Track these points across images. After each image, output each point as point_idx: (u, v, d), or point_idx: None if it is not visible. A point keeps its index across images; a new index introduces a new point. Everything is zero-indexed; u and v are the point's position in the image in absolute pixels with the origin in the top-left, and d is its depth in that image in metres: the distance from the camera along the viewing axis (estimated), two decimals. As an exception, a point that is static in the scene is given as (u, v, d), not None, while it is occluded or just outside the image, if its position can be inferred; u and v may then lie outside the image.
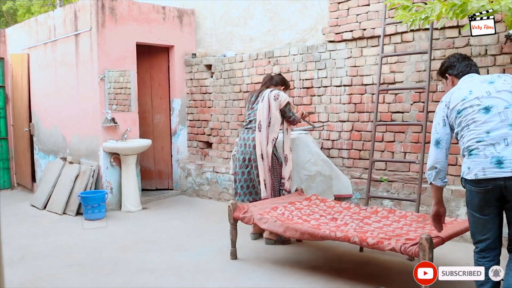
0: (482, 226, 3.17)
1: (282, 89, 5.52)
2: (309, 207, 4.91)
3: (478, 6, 3.68)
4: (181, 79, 8.14)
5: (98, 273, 4.55)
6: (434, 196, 3.46)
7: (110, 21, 7.08)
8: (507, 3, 3.55)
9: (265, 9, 7.25)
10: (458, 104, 3.24)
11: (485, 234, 3.17)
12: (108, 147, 6.96)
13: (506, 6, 3.56)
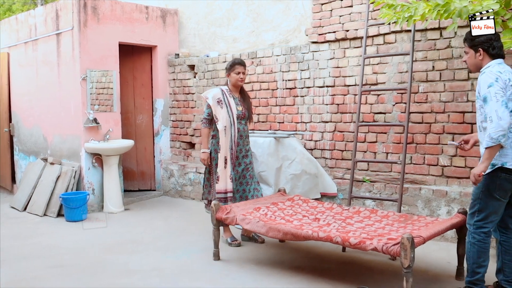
0: (500, 209, 3.57)
1: (227, 76, 5.37)
2: (291, 207, 4.92)
3: (460, 7, 3.73)
4: (164, 79, 8.11)
5: (81, 275, 4.51)
6: (491, 156, 3.41)
7: (93, 20, 7.03)
8: (489, 4, 3.60)
9: (249, 10, 7.26)
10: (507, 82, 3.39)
11: (499, 215, 3.60)
12: (90, 147, 6.91)
13: (488, 7, 3.61)
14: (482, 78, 3.41)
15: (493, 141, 3.30)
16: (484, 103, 3.38)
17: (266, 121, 6.87)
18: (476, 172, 3.42)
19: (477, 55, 3.54)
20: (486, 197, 3.53)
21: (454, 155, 5.23)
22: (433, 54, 5.33)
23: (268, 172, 5.82)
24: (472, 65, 3.64)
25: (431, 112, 5.37)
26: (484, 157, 3.40)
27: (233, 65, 5.28)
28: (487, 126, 3.34)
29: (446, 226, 4.02)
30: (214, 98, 5.25)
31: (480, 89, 3.41)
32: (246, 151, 5.38)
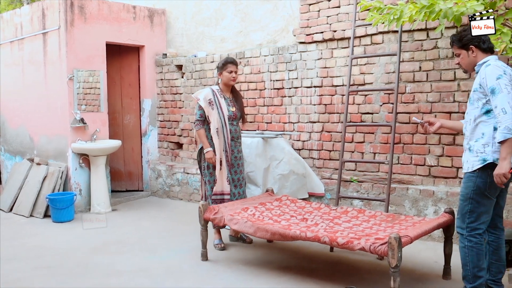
0: (491, 208, 3.53)
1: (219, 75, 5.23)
2: (279, 207, 4.92)
3: (445, 8, 3.75)
4: (152, 79, 8.08)
5: (67, 276, 4.47)
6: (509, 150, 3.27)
7: (79, 19, 6.98)
8: (473, 6, 3.63)
9: (237, 10, 7.25)
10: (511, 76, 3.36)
11: (490, 215, 3.54)
12: (77, 148, 6.86)
13: (472, 8, 3.64)
14: (489, 70, 3.33)
15: (510, 133, 3.19)
16: (492, 95, 3.28)
17: (254, 121, 6.86)
18: (503, 171, 3.26)
19: (470, 53, 3.51)
20: (478, 196, 3.45)
21: (441, 155, 5.27)
22: (420, 54, 5.36)
23: (256, 172, 5.82)
24: (467, 65, 3.58)
25: (418, 112, 5.39)
26: (503, 152, 3.25)
27: (226, 64, 5.16)
28: (500, 118, 3.23)
29: (433, 226, 4.04)
30: (205, 99, 5.13)
31: (486, 81, 3.31)
32: (238, 152, 5.29)
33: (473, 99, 3.47)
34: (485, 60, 3.44)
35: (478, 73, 3.46)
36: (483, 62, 3.45)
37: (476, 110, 3.44)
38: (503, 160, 3.26)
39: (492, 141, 3.35)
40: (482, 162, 3.39)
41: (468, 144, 3.52)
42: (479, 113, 3.42)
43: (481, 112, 3.41)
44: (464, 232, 3.51)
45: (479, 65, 3.48)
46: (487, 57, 3.46)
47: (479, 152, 3.41)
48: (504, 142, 3.23)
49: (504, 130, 3.20)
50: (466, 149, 3.54)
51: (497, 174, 3.29)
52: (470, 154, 3.48)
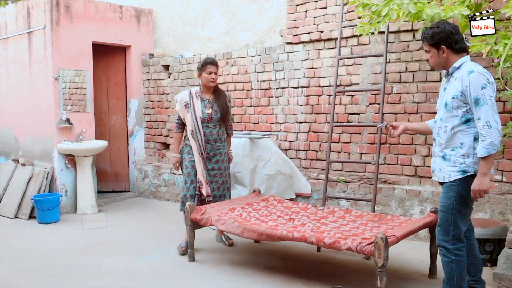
0: (469, 216, 3.46)
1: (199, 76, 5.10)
2: (266, 208, 4.92)
3: (433, 14, 3.77)
4: (138, 79, 8.05)
5: (53, 278, 4.44)
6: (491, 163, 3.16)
7: (65, 19, 6.93)
8: (460, 11, 3.66)
9: (224, 10, 7.24)
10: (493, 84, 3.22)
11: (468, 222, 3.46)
12: (63, 148, 6.81)
13: (459, 14, 3.67)
14: (474, 78, 3.13)
15: (495, 148, 3.06)
16: (475, 106, 3.11)
17: (241, 121, 6.86)
18: (485, 187, 3.13)
19: (440, 52, 3.31)
20: (460, 206, 3.30)
21: (426, 155, 5.30)
22: (406, 55, 5.40)
23: (243, 172, 5.82)
24: (436, 64, 3.40)
25: (404, 113, 5.42)
26: (485, 168, 3.11)
27: (205, 65, 5.02)
28: (484, 132, 3.07)
29: (419, 225, 4.07)
30: (181, 102, 5.07)
31: (470, 90, 3.13)
32: (215, 155, 5.05)
33: (451, 106, 3.26)
34: (462, 62, 3.27)
35: (451, 75, 3.31)
36: (460, 65, 3.27)
37: (455, 119, 3.26)
38: (484, 175, 3.13)
39: (473, 152, 3.20)
40: (462, 173, 3.25)
41: (442, 152, 3.36)
42: (458, 122, 3.25)
43: (461, 121, 3.24)
44: (449, 245, 3.33)
45: (455, 67, 3.29)
46: (463, 59, 3.28)
47: (458, 163, 3.26)
48: (487, 157, 3.10)
49: (488, 146, 3.07)
50: (438, 156, 3.40)
51: (478, 190, 3.16)
52: (445, 163, 3.33)
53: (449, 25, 3.28)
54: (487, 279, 4.10)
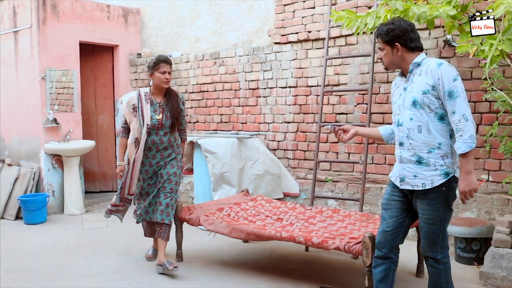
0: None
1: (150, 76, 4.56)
2: (254, 207, 4.93)
3: (419, 13, 3.80)
4: (126, 79, 8.01)
5: (40, 279, 4.40)
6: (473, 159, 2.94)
7: (52, 18, 6.89)
8: (445, 10, 3.69)
9: (212, 10, 7.23)
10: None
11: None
12: (50, 148, 6.77)
13: (445, 12, 3.69)
14: (444, 70, 2.93)
15: (475, 141, 2.85)
16: (449, 99, 2.89)
17: (229, 121, 6.86)
18: (474, 186, 2.91)
19: (395, 51, 3.09)
20: (448, 214, 3.08)
21: (414, 155, 5.32)
22: (393, 55, 5.41)
23: (231, 172, 5.82)
24: (390, 63, 3.16)
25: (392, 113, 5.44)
26: (470, 164, 2.89)
27: (158, 63, 4.45)
28: (461, 125, 2.85)
29: (406, 225, 4.09)
30: (129, 105, 4.51)
31: (442, 83, 2.91)
32: (165, 164, 4.56)
33: (422, 102, 2.99)
34: (422, 58, 3.07)
35: (411, 72, 3.08)
36: (421, 60, 3.07)
37: (428, 116, 2.99)
38: (469, 173, 2.89)
39: (451, 151, 2.98)
40: (445, 176, 2.98)
41: (415, 156, 3.04)
42: (432, 119, 2.98)
43: (435, 118, 2.98)
44: (438, 256, 3.09)
45: (416, 63, 3.06)
46: (422, 55, 3.09)
47: (439, 165, 2.99)
48: (468, 154, 2.86)
49: (469, 140, 2.83)
50: (410, 161, 3.07)
51: (468, 191, 2.91)
52: (422, 168, 3.03)
53: (405, 23, 3.11)
54: (473, 278, 4.15)
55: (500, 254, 3.90)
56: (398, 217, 3.20)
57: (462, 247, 4.56)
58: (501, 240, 3.93)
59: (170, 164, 4.56)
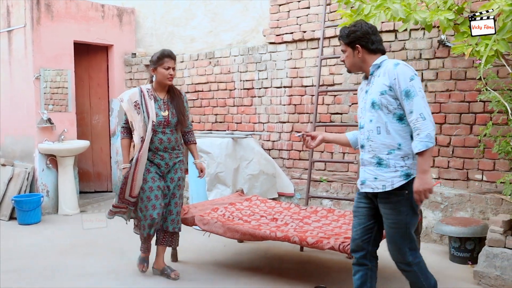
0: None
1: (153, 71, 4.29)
2: (249, 207, 4.92)
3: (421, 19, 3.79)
4: (121, 79, 7.99)
5: (35, 279, 4.39)
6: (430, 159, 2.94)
7: (46, 18, 6.87)
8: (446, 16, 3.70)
9: (207, 10, 7.23)
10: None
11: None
12: (44, 148, 6.74)
13: (445, 19, 3.70)
14: (401, 69, 2.92)
15: (433, 141, 2.81)
16: (406, 98, 2.86)
17: (224, 121, 6.85)
18: (429, 186, 2.84)
19: (356, 52, 3.07)
20: (413, 217, 3.01)
21: (408, 154, 5.34)
22: (388, 55, 5.36)
23: (226, 172, 5.81)
24: (351, 65, 3.15)
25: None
26: (426, 164, 2.83)
27: (162, 58, 4.19)
28: (419, 124, 2.81)
29: (401, 225, 4.09)
30: (130, 101, 4.23)
31: (399, 82, 2.89)
32: (174, 165, 4.32)
33: (380, 104, 2.96)
34: (383, 60, 3.06)
35: (372, 74, 3.07)
36: (381, 62, 3.06)
37: (387, 117, 2.96)
38: (425, 173, 2.83)
39: (412, 151, 2.90)
40: (406, 178, 2.93)
41: (376, 158, 3.01)
42: (391, 120, 2.95)
43: (394, 119, 2.95)
44: (410, 259, 3.04)
45: (376, 65, 3.06)
46: (382, 57, 3.09)
47: (399, 166, 2.94)
48: (424, 153, 2.81)
49: (425, 138, 2.79)
50: (371, 164, 3.04)
51: (422, 190, 2.84)
52: (382, 169, 2.98)
53: (367, 25, 3.10)
54: (467, 277, 4.17)
55: (494, 254, 3.92)
56: (365, 224, 3.16)
57: (456, 247, 4.58)
58: (495, 239, 3.95)
59: (180, 168, 4.35)
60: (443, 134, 5.14)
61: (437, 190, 5.09)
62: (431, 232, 5.08)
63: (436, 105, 5.15)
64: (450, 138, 5.09)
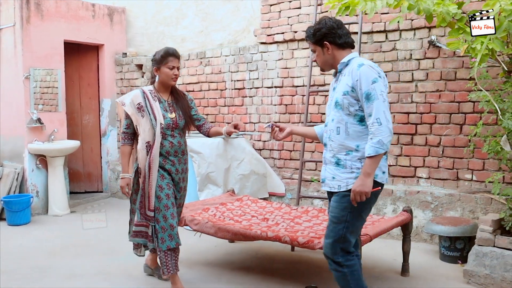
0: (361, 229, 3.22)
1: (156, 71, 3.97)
2: (240, 207, 4.92)
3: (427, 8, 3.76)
4: (111, 78, 7.96)
5: (24, 281, 4.36)
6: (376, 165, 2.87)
7: (36, 17, 6.82)
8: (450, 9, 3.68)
9: (198, 10, 7.22)
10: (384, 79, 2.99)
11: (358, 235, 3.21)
12: (34, 148, 6.70)
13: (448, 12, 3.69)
14: (364, 71, 2.87)
15: (384, 147, 2.79)
16: (366, 101, 2.84)
17: (215, 121, 6.85)
18: (367, 189, 2.83)
19: (325, 50, 3.04)
20: (354, 218, 2.99)
21: (399, 154, 5.36)
22: (379, 56, 5.45)
23: (216, 172, 5.81)
24: (323, 63, 3.13)
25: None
26: (369, 168, 2.82)
27: (166, 57, 3.89)
28: (373, 129, 2.80)
29: (392, 224, 4.12)
30: (133, 104, 3.90)
31: (360, 84, 2.86)
32: (183, 172, 4.04)
33: (342, 104, 2.96)
34: (351, 57, 3.03)
35: (340, 72, 3.06)
36: (349, 60, 3.03)
37: (348, 118, 2.96)
38: (367, 176, 2.83)
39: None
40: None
41: (335, 157, 3.01)
42: (351, 121, 2.95)
43: (354, 120, 2.94)
44: (340, 259, 3.03)
45: (343, 63, 3.03)
46: (351, 54, 3.05)
47: (355, 168, 2.94)
48: (374, 157, 2.80)
49: (376, 144, 2.78)
50: (331, 163, 3.05)
51: (359, 192, 2.83)
52: (339, 170, 2.99)
53: (331, 20, 3.05)
54: (457, 276, 4.19)
55: (483, 253, 3.94)
56: None
57: (446, 246, 4.60)
58: (484, 238, 3.97)
59: (187, 177, 4.11)
60: (433, 134, 5.16)
61: (427, 190, 5.11)
62: (422, 232, 5.11)
63: (426, 105, 5.17)
64: (440, 138, 5.12)
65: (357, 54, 3.10)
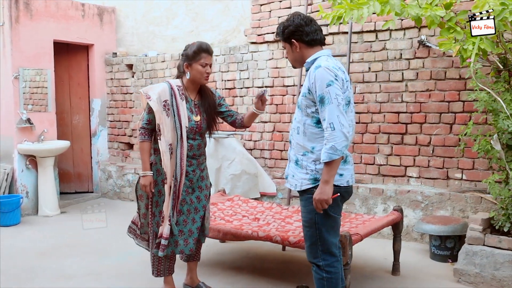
0: (339, 226, 3.13)
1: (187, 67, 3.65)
2: (231, 207, 4.92)
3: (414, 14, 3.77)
4: (101, 78, 7.93)
5: (14, 281, 4.33)
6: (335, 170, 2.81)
7: (25, 16, 6.78)
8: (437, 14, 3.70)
9: (188, 9, 7.20)
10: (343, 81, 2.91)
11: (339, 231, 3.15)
12: (23, 149, 6.66)
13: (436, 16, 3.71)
14: (319, 74, 2.81)
15: (338, 153, 2.72)
16: (320, 105, 2.79)
17: (206, 121, 6.83)
18: (325, 197, 2.78)
19: (294, 47, 3.01)
20: (324, 218, 2.93)
21: (389, 154, 5.38)
22: (369, 56, 5.47)
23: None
24: (293, 60, 3.11)
25: (368, 112, 5.50)
26: (326, 175, 2.77)
27: (199, 53, 3.57)
28: (327, 134, 2.75)
29: (383, 224, 4.13)
30: (159, 100, 3.57)
31: (315, 87, 2.81)
32: (202, 178, 3.79)
33: (301, 105, 2.96)
34: (316, 56, 2.97)
35: (308, 70, 2.98)
36: (314, 59, 2.97)
37: (307, 119, 2.93)
38: (325, 183, 2.78)
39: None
40: (313, 182, 2.91)
41: (295, 156, 3.01)
42: (309, 122, 2.92)
43: (312, 122, 2.91)
44: (320, 262, 3.00)
45: (309, 62, 2.99)
46: (318, 53, 2.99)
47: (310, 170, 2.93)
48: (329, 163, 2.75)
49: (329, 150, 2.72)
50: (292, 161, 3.04)
51: (319, 200, 2.79)
52: (297, 169, 2.99)
53: (299, 17, 3.00)
54: (447, 275, 4.21)
55: (473, 251, 3.96)
56: None
57: (436, 245, 4.62)
58: (474, 237, 3.99)
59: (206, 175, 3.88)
60: (423, 133, 5.18)
61: (417, 189, 5.14)
62: (412, 231, 5.13)
63: (416, 105, 5.19)
64: (430, 137, 5.14)
65: (328, 52, 3.03)
